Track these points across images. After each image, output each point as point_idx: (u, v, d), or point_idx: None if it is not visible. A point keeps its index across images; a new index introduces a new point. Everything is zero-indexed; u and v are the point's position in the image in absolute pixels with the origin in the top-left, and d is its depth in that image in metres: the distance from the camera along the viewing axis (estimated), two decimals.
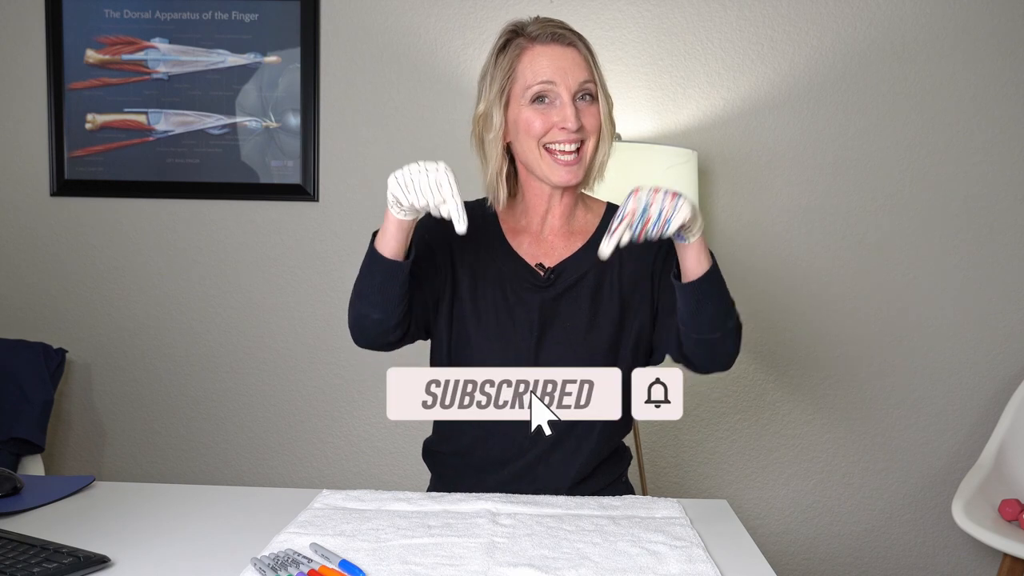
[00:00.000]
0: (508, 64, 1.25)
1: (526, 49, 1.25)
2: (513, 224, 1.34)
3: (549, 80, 1.22)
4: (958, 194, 2.27)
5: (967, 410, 2.31)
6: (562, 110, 1.22)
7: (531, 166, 1.26)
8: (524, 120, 1.23)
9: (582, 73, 1.24)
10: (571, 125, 1.21)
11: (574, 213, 1.33)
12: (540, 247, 1.32)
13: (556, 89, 1.22)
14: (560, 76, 1.22)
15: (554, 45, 1.24)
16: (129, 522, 1.08)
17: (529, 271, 1.29)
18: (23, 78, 2.32)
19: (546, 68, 1.23)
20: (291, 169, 2.30)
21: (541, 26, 1.25)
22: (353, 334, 1.28)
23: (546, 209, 1.31)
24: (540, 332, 1.26)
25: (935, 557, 2.33)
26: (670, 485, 2.33)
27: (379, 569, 0.90)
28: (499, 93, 1.25)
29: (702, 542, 1.01)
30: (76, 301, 2.35)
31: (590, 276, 1.29)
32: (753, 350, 2.31)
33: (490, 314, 1.28)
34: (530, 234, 1.32)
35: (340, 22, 2.29)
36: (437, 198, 1.08)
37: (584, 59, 1.26)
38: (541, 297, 1.28)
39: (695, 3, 2.26)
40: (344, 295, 2.47)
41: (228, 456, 2.37)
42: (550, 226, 1.32)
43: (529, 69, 1.23)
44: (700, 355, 1.24)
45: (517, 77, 1.24)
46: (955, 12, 2.24)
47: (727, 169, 2.28)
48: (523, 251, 1.31)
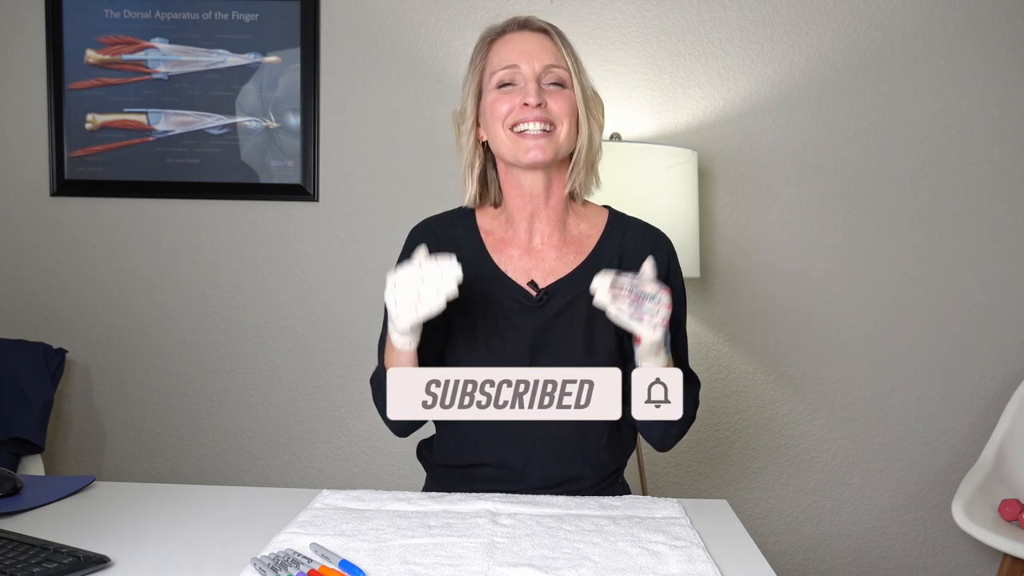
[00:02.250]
0: (480, 59, 1.26)
1: (495, 42, 1.26)
2: (500, 236, 1.29)
3: (513, 64, 1.22)
4: (958, 194, 2.27)
5: (967, 410, 2.31)
6: (524, 87, 1.21)
7: (501, 151, 1.24)
8: (490, 104, 1.23)
9: (548, 56, 1.22)
10: (532, 100, 1.19)
11: (565, 221, 1.29)
12: (531, 260, 1.27)
13: (520, 71, 1.22)
14: (524, 59, 1.22)
15: (522, 32, 1.25)
16: (129, 522, 1.08)
17: (520, 292, 1.25)
18: (23, 78, 2.32)
19: (511, 53, 1.23)
20: (291, 169, 2.30)
21: (512, 20, 1.26)
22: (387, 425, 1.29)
23: (531, 213, 1.26)
24: (532, 358, 1.23)
25: (935, 557, 2.33)
26: (670, 485, 2.33)
27: (379, 569, 0.90)
28: (473, 88, 1.26)
29: (702, 542, 1.01)
30: (76, 301, 2.35)
31: (584, 297, 1.21)
32: (753, 350, 2.31)
33: (480, 341, 1.24)
34: (518, 246, 1.28)
35: (340, 22, 2.29)
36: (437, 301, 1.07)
37: (554, 45, 1.24)
38: (533, 322, 1.24)
39: (695, 3, 2.26)
40: (344, 295, 2.48)
41: (228, 456, 2.37)
42: (540, 234, 1.27)
43: (496, 57, 1.24)
44: (643, 435, 1.28)
45: (486, 68, 1.25)
46: (955, 12, 2.24)
47: (727, 169, 2.28)
48: (512, 267, 1.27)
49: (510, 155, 1.22)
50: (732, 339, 2.31)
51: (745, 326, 2.31)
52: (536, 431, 1.24)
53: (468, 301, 1.25)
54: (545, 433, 1.24)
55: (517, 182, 1.26)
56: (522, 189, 1.25)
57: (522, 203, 1.26)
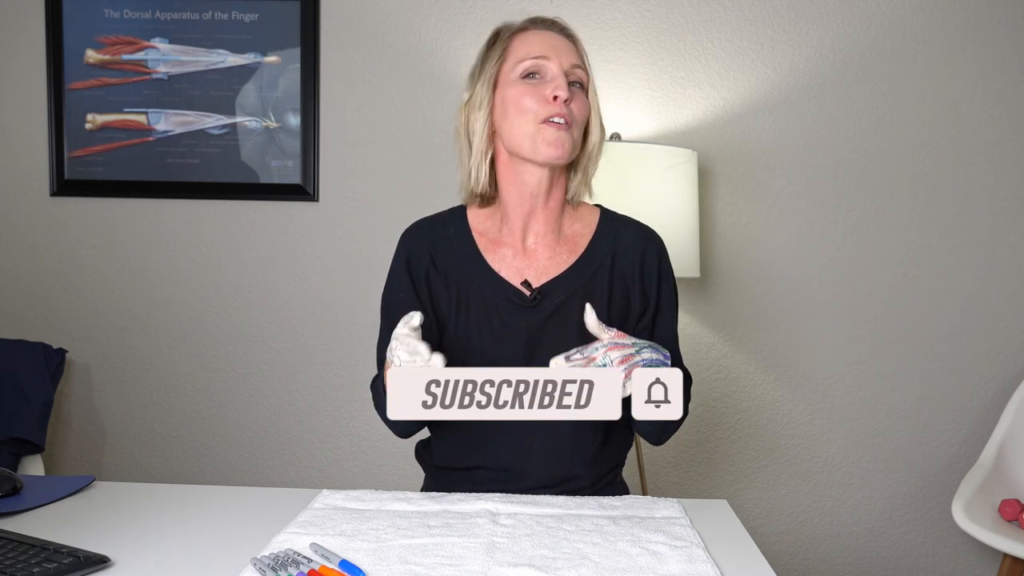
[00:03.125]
0: (500, 49, 1.23)
1: (517, 34, 1.24)
2: (493, 236, 1.28)
3: (542, 55, 1.20)
4: (958, 194, 2.27)
5: (967, 410, 2.31)
6: (553, 82, 1.19)
7: (519, 145, 1.20)
8: (514, 97, 1.20)
9: (574, 56, 1.22)
10: (563, 94, 1.17)
11: (560, 220, 1.28)
12: (524, 260, 1.26)
13: (548, 64, 1.20)
14: (553, 53, 1.20)
15: (547, 31, 1.24)
16: (129, 522, 1.08)
17: (513, 292, 1.24)
18: (23, 78, 2.32)
19: (538, 45, 1.21)
20: (291, 169, 2.30)
21: (537, 17, 1.26)
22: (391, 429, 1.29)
23: (528, 212, 1.25)
24: (527, 358, 1.22)
25: (935, 557, 2.33)
26: (670, 485, 2.33)
27: (379, 569, 0.90)
28: (489, 76, 1.23)
29: (702, 542, 1.01)
30: (76, 301, 2.35)
31: (578, 296, 1.23)
32: (753, 350, 2.31)
33: (475, 341, 1.24)
34: (512, 247, 1.26)
35: (340, 22, 2.29)
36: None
37: (577, 50, 1.24)
38: (528, 322, 1.23)
39: (695, 3, 2.26)
40: (344, 295, 2.48)
41: (228, 456, 2.37)
42: (535, 234, 1.26)
43: (521, 47, 1.22)
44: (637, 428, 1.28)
45: (508, 57, 1.22)
46: (955, 12, 2.24)
47: (727, 169, 2.28)
48: (505, 267, 1.25)
49: (530, 148, 1.20)
50: (732, 339, 2.31)
51: (745, 326, 2.31)
52: (533, 431, 1.24)
53: (462, 302, 1.25)
54: (543, 433, 1.24)
55: (520, 179, 1.24)
56: (524, 186, 1.24)
57: (521, 200, 1.25)
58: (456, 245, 1.27)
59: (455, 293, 1.26)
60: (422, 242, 1.28)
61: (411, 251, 1.28)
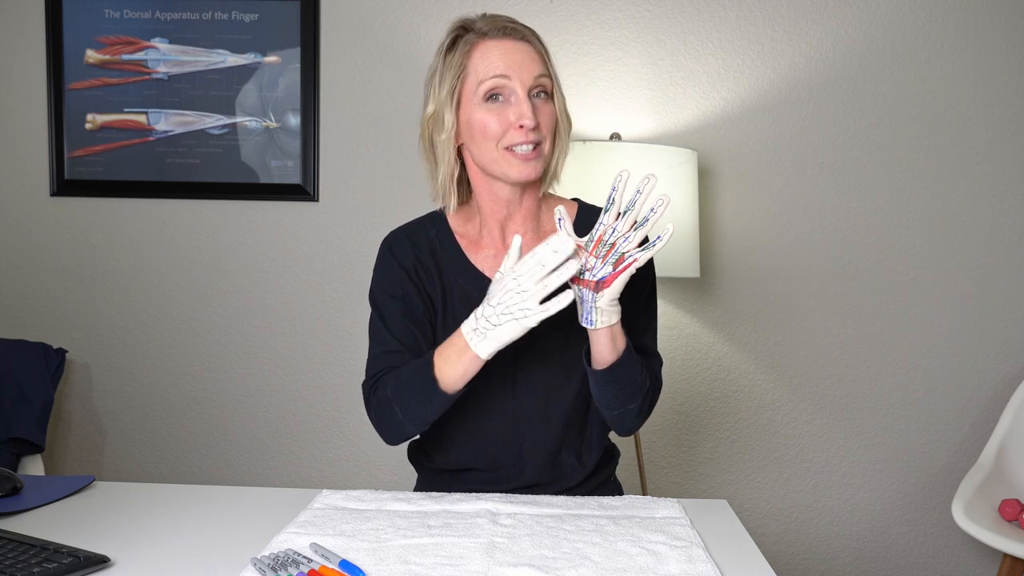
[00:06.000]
0: (458, 61, 1.19)
1: (476, 45, 1.18)
2: (474, 238, 1.27)
3: (503, 74, 1.15)
4: (958, 194, 2.27)
5: (967, 410, 2.31)
6: (518, 107, 1.15)
7: (487, 167, 1.19)
8: (478, 121, 1.17)
9: (536, 67, 1.18)
10: (528, 122, 1.14)
11: (538, 216, 1.28)
12: None
13: (510, 84, 1.16)
14: (514, 70, 1.16)
15: (506, 40, 1.18)
16: (129, 522, 1.08)
17: None
18: (23, 78, 2.32)
19: (498, 62, 1.16)
20: (291, 169, 2.30)
21: (490, 21, 1.19)
22: (382, 434, 1.27)
23: (506, 215, 1.25)
24: (515, 354, 1.21)
25: (935, 557, 2.33)
26: (670, 485, 2.33)
27: (379, 569, 0.90)
28: (450, 92, 1.19)
29: (702, 542, 1.01)
30: (76, 301, 2.35)
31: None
32: (753, 350, 2.31)
33: None
34: (493, 247, 1.26)
35: (340, 22, 2.29)
36: None
37: (538, 53, 1.19)
38: None
39: (695, 3, 2.26)
40: (344, 295, 2.47)
41: (228, 456, 2.37)
42: (513, 232, 1.25)
43: (481, 64, 1.17)
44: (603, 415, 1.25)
45: (468, 74, 1.18)
46: (955, 12, 2.24)
47: (727, 169, 2.28)
48: (489, 267, 1.25)
49: (499, 172, 1.19)
50: (732, 339, 2.31)
51: (745, 326, 2.31)
52: (524, 428, 1.25)
53: (448, 302, 1.25)
54: (534, 432, 1.25)
55: (492, 190, 1.23)
56: (497, 196, 1.24)
57: (496, 207, 1.25)
58: (438, 247, 1.27)
59: (440, 294, 1.26)
60: (405, 244, 1.28)
61: (396, 255, 1.27)
